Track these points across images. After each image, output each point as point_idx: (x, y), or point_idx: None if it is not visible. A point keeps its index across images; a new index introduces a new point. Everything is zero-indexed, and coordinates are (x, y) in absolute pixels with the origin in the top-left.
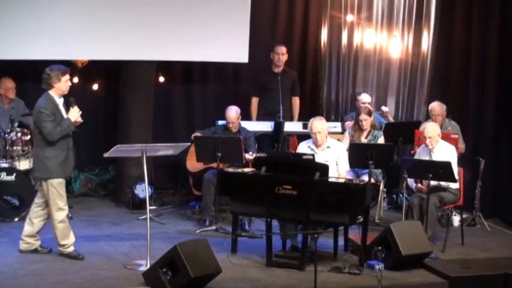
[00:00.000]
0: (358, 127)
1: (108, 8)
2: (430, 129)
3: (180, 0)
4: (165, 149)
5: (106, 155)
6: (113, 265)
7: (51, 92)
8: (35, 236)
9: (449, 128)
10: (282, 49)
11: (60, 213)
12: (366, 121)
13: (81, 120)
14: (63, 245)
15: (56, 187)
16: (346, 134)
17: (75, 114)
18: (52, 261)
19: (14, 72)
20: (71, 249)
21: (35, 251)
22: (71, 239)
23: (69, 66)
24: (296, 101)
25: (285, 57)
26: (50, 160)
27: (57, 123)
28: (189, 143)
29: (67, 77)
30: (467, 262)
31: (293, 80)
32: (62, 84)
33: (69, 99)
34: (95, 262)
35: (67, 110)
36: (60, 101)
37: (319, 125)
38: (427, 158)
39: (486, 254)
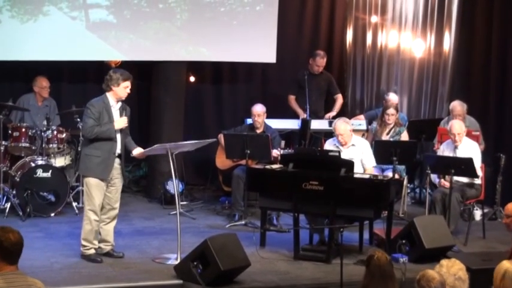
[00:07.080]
0: (382, 121)
1: (140, 10)
2: (458, 126)
3: (209, 2)
4: (190, 146)
5: (133, 155)
6: (146, 259)
7: (108, 94)
8: (105, 241)
9: (468, 124)
10: (323, 62)
11: (89, 214)
12: (393, 116)
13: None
14: (83, 246)
15: (89, 187)
16: (370, 130)
17: (121, 123)
18: None
19: (50, 73)
20: (91, 251)
21: (107, 254)
22: (94, 243)
23: (102, 66)
24: (338, 99)
25: (321, 69)
26: (89, 158)
27: (98, 123)
28: (213, 139)
29: (127, 83)
30: (488, 255)
31: (328, 80)
32: (120, 90)
33: (126, 108)
34: (128, 256)
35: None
36: (115, 105)
37: (342, 127)
38: (451, 155)
39: (507, 247)
